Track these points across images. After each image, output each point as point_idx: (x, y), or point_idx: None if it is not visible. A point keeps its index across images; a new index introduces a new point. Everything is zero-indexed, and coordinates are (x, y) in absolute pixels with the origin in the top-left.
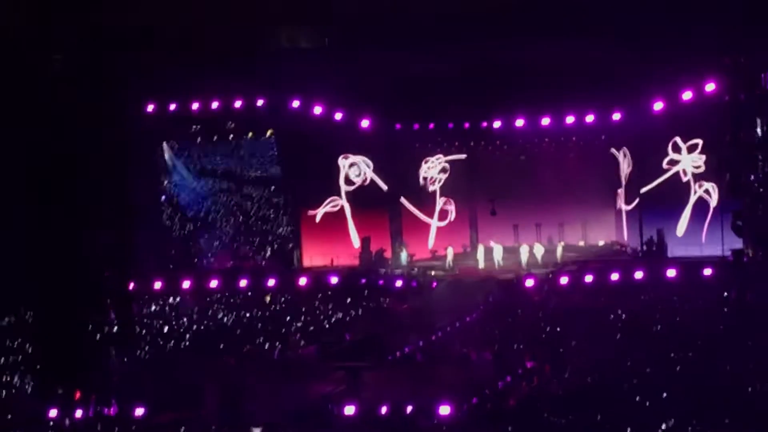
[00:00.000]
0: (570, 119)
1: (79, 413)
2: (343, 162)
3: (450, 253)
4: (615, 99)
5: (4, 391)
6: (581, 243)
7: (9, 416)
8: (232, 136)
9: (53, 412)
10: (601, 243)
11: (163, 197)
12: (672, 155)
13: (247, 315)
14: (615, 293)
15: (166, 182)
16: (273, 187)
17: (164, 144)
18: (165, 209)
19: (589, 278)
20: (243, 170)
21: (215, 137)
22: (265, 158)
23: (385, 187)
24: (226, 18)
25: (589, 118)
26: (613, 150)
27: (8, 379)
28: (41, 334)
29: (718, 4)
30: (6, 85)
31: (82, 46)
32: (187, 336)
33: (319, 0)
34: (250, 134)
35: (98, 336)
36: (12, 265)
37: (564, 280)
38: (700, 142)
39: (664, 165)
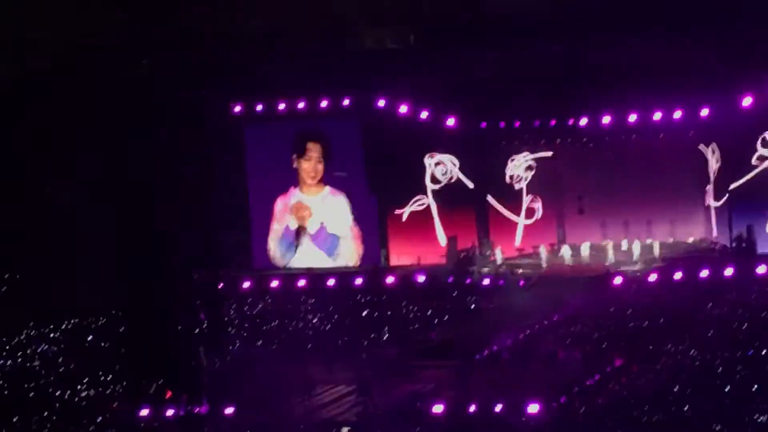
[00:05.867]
0: (657, 116)
1: (170, 412)
2: (429, 161)
3: (544, 251)
4: (703, 95)
5: (95, 392)
6: (670, 240)
7: (100, 416)
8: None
9: (144, 412)
10: (690, 240)
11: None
12: (761, 151)
13: (335, 315)
14: (704, 291)
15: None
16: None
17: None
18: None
19: (678, 275)
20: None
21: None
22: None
23: (471, 186)
24: (311, 19)
25: (677, 115)
26: (701, 146)
27: (100, 379)
28: (132, 334)
29: None
30: (91, 89)
31: (168, 49)
32: (276, 337)
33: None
34: None
35: (188, 336)
36: (102, 267)
37: (652, 277)
38: None
39: (753, 161)
